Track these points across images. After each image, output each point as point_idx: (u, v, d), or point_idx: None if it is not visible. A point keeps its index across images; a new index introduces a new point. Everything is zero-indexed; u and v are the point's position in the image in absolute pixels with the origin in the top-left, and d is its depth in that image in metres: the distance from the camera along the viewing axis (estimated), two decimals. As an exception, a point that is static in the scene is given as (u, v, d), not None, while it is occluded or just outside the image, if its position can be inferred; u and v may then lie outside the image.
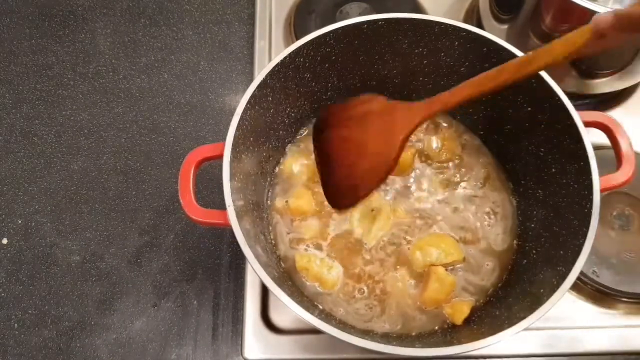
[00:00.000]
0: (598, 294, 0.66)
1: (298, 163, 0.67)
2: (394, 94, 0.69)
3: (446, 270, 0.59)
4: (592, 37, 0.41)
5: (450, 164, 0.68)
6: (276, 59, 0.57)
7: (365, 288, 0.60)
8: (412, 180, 0.66)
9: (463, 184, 0.66)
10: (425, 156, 0.68)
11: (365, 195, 0.54)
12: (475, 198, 0.65)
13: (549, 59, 0.43)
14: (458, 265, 0.61)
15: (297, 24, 0.85)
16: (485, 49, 0.59)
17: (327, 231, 0.63)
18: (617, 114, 0.78)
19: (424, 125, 0.69)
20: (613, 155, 0.55)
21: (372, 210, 0.63)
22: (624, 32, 0.40)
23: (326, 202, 0.57)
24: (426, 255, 0.59)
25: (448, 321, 0.58)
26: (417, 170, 0.67)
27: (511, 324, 0.45)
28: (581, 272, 0.49)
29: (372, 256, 0.62)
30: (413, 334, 0.58)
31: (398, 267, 0.61)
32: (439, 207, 0.65)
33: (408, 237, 0.62)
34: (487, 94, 0.46)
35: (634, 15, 0.38)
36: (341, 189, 0.55)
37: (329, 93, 0.67)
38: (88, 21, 0.90)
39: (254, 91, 0.55)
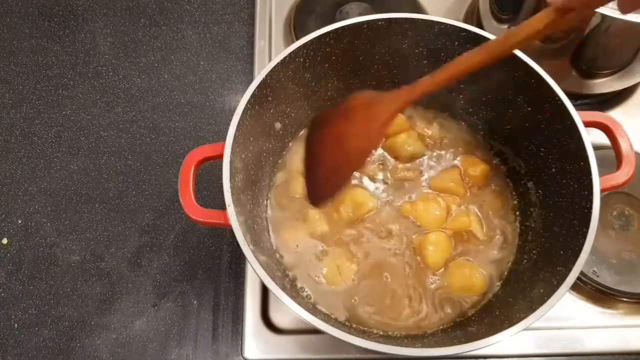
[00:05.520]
0: (598, 294, 0.66)
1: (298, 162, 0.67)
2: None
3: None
4: (556, 15, 0.42)
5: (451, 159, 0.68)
6: (276, 59, 0.57)
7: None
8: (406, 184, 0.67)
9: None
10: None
11: (345, 181, 0.55)
12: (475, 198, 0.65)
13: (523, 36, 0.45)
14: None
15: (297, 24, 0.85)
16: (485, 49, 0.58)
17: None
18: (617, 114, 0.78)
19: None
20: (613, 155, 0.55)
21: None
22: (584, 7, 0.42)
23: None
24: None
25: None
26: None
27: (511, 324, 0.45)
28: (581, 272, 0.49)
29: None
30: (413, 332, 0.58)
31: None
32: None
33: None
34: (467, 73, 0.49)
35: None
36: (322, 178, 0.56)
37: (329, 93, 0.67)
38: (88, 21, 0.90)
39: (254, 91, 0.55)
